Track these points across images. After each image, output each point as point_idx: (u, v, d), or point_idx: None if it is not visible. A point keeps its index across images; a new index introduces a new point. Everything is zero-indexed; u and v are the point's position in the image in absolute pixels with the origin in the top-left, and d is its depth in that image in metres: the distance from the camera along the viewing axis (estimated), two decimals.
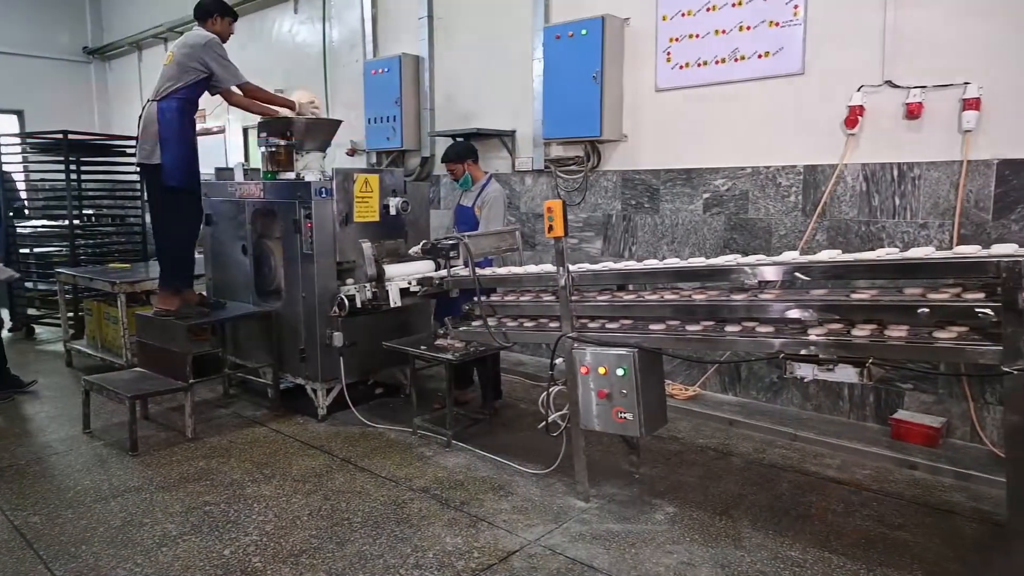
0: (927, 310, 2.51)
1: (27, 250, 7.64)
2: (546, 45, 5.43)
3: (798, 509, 3.44)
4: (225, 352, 5.34)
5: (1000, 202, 3.81)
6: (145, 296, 6.11)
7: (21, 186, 8.12)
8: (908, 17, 4.03)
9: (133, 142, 7.96)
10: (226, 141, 9.37)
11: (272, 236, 4.98)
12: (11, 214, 7.42)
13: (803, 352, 2.81)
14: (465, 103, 6.48)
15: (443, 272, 4.17)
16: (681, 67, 4.97)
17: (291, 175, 4.83)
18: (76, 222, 7.13)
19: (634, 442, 3.83)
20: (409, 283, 4.25)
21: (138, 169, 4.78)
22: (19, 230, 7.56)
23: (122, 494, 3.66)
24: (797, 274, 2.82)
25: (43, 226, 7.80)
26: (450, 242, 3.95)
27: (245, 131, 9.11)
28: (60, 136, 6.91)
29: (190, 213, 4.67)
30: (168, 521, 3.36)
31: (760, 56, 4.59)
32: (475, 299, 3.83)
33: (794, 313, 2.83)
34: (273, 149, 4.86)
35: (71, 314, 6.66)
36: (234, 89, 4.65)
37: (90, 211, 7.77)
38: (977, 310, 2.40)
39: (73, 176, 6.99)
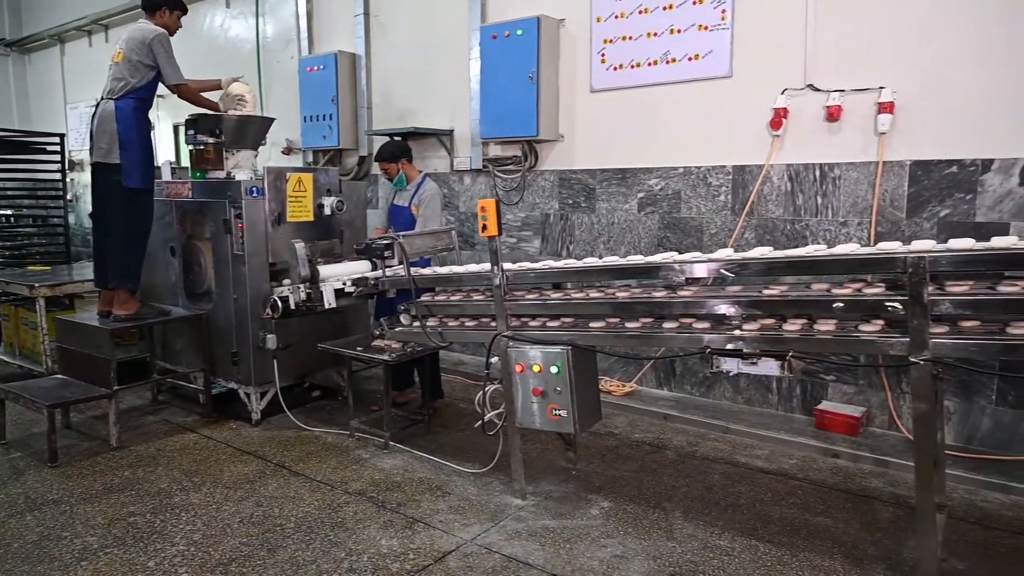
0: (841, 304, 2.62)
1: None
2: (483, 45, 5.44)
3: (728, 499, 3.54)
4: (154, 357, 5.16)
5: (913, 201, 4.00)
6: (68, 300, 5.86)
7: None
8: (828, 23, 4.19)
9: (56, 138, 7.66)
10: (155, 138, 9.03)
11: (202, 237, 4.83)
12: None
13: (729, 347, 2.88)
14: (403, 102, 6.43)
15: (379, 272, 4.13)
16: (615, 68, 5.05)
17: (221, 174, 4.71)
18: None
19: (570, 439, 3.87)
20: (344, 284, 4.19)
21: (91, 168, 4.61)
22: None
23: (39, 507, 3.49)
24: (723, 271, 2.90)
25: None
26: (384, 242, 3.91)
27: (176, 128, 8.82)
28: None
29: (146, 213, 4.57)
30: (89, 534, 3.23)
31: (690, 59, 4.71)
32: (406, 301, 3.80)
33: (722, 309, 2.91)
34: (201, 147, 4.72)
35: None
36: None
37: (8, 211, 7.40)
38: (887, 303, 2.51)
39: None
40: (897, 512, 3.37)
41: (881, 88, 4.01)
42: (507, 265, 3.48)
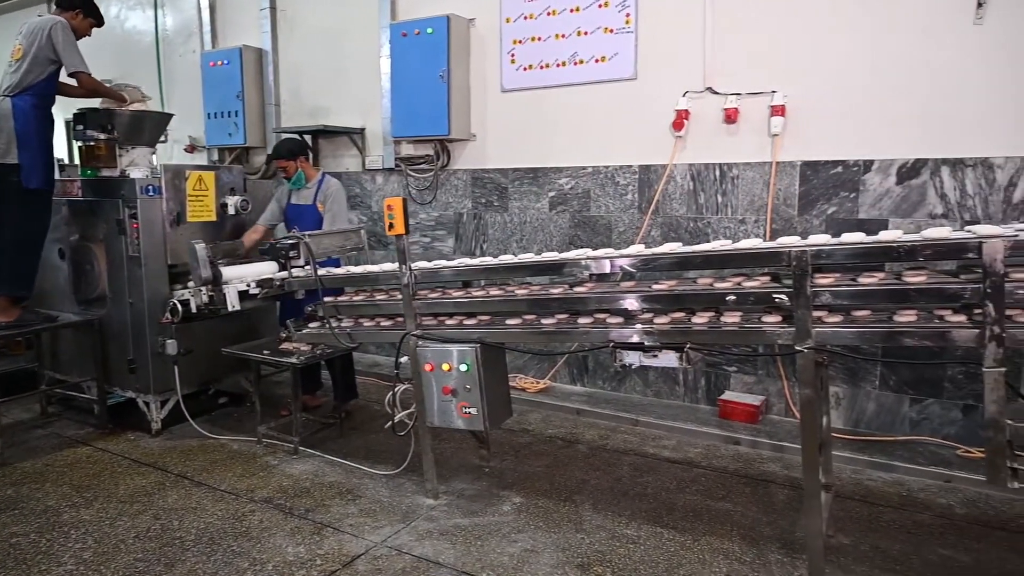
0: (734, 297, 2.73)
1: None
2: (393, 42, 5.39)
3: (636, 489, 3.64)
4: (42, 367, 4.84)
5: (803, 199, 4.23)
6: None
7: None
8: (725, 29, 4.37)
9: None
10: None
11: (94, 238, 4.56)
12: None
13: (635, 339, 2.95)
14: (313, 99, 6.29)
15: (285, 273, 4.03)
16: (525, 69, 5.11)
17: (114, 172, 4.47)
18: None
19: (483, 436, 3.88)
20: (249, 285, 4.05)
21: None
22: None
23: None
24: (626, 266, 2.96)
25: None
26: (290, 241, 3.82)
27: (67, 124, 8.29)
28: None
29: (42, 215, 4.31)
30: None
31: (597, 61, 4.81)
32: (314, 302, 3.73)
33: (622, 304, 2.97)
34: (92, 143, 4.47)
35: None
36: (69, 79, 4.29)
37: None
38: (774, 295, 2.64)
39: None
40: (791, 494, 3.55)
41: (773, 92, 4.22)
42: (415, 264, 3.45)
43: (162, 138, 4.94)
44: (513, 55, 5.15)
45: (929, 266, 2.66)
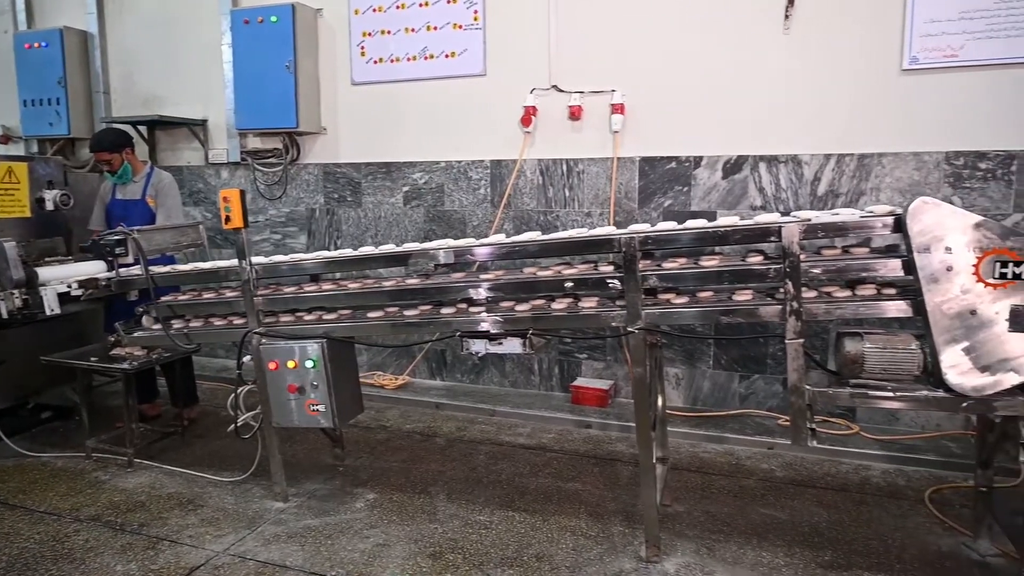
0: (571, 284, 2.86)
1: None
2: (234, 30, 5.13)
3: (490, 477, 3.70)
4: None
5: (643, 193, 4.49)
6: None
7: None
8: (568, 28, 4.54)
9: None
10: None
11: None
12: None
13: (484, 327, 2.99)
14: (148, 87, 5.86)
15: (112, 272, 3.73)
16: (375, 62, 5.04)
17: None
18: None
19: (336, 435, 3.80)
20: (70, 287, 3.71)
21: None
22: None
23: None
24: (470, 256, 3.01)
25: None
26: (115, 238, 3.54)
27: None
28: None
29: None
30: None
31: (447, 56, 4.84)
32: (146, 303, 3.49)
33: (478, 293, 3.01)
34: None
35: None
36: None
37: None
38: (608, 280, 2.79)
39: None
40: (636, 470, 3.74)
41: (613, 91, 4.44)
42: (255, 259, 3.31)
43: None
44: (363, 48, 5.06)
45: (731, 251, 2.91)
